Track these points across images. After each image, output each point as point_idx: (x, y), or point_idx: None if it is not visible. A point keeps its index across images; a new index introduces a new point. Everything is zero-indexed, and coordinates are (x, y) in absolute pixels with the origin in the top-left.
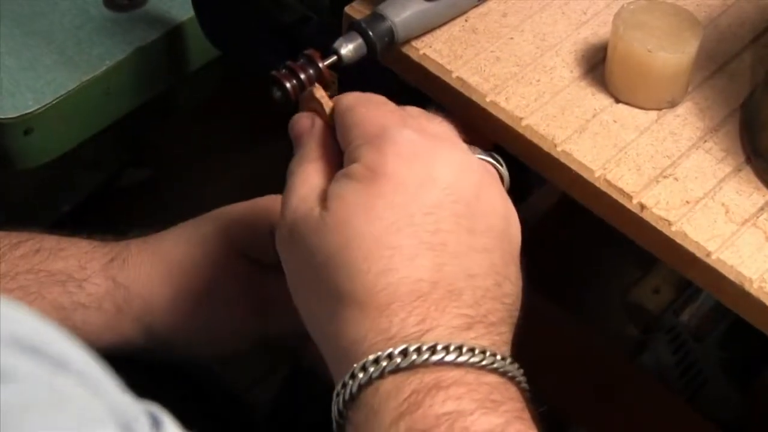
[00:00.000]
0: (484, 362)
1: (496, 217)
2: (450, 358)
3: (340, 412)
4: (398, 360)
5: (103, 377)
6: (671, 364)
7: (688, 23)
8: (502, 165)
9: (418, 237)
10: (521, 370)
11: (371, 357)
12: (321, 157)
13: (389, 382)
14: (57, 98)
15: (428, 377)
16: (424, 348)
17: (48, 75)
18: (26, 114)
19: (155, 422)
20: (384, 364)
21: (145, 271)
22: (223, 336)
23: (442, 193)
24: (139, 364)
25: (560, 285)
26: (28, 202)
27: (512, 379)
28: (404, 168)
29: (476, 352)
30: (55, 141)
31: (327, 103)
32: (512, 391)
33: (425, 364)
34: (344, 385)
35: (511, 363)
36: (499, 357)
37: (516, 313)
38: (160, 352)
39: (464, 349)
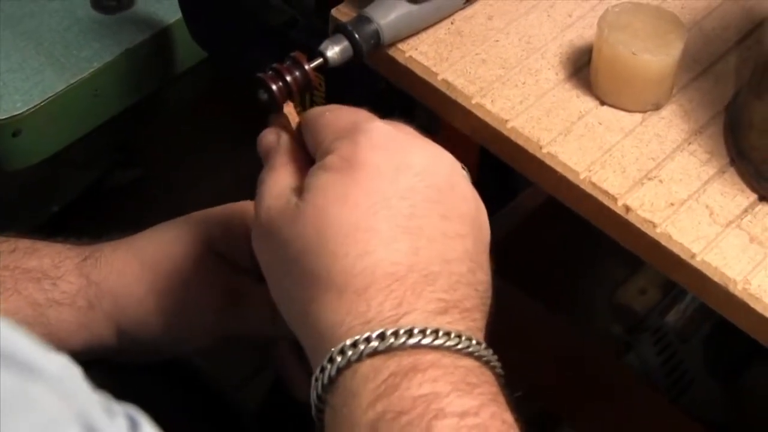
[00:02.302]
0: (459, 346)
1: (468, 205)
2: (426, 341)
3: (319, 397)
4: (375, 343)
5: (77, 383)
6: (657, 365)
7: (673, 26)
8: (466, 171)
9: (395, 221)
10: (496, 356)
11: (349, 341)
12: (290, 162)
13: (367, 365)
14: (45, 100)
15: (406, 360)
16: (401, 332)
17: (36, 77)
18: (14, 116)
19: (133, 424)
20: (362, 347)
21: (117, 269)
22: (195, 335)
23: (416, 178)
24: (126, 365)
25: (547, 285)
26: (17, 203)
27: (487, 363)
28: (378, 155)
29: (452, 335)
30: (43, 142)
31: (294, 118)
32: (487, 375)
33: (402, 347)
34: (323, 369)
35: (486, 348)
36: (474, 341)
37: (488, 302)
38: (134, 354)
39: (440, 333)
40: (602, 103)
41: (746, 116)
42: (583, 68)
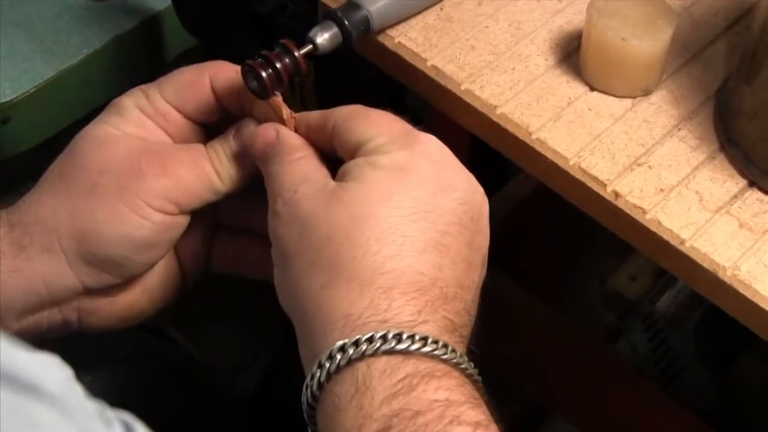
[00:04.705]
0: (463, 366)
1: (486, 241)
2: (439, 352)
3: (320, 384)
4: (393, 343)
5: (76, 394)
6: (647, 352)
7: (662, 11)
8: None
9: (429, 234)
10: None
11: (367, 335)
12: (308, 152)
13: (382, 362)
14: (34, 87)
15: (423, 365)
16: (418, 337)
17: (25, 64)
18: (3, 103)
19: (129, 431)
20: (378, 344)
21: (36, 199)
22: (138, 225)
23: (456, 202)
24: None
25: (537, 272)
26: (6, 190)
27: (480, 390)
28: (429, 168)
29: (458, 354)
30: (33, 130)
31: (280, 109)
32: (483, 398)
33: (418, 352)
34: (331, 357)
35: (479, 374)
36: (472, 366)
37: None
38: (91, 280)
39: (450, 349)
40: (592, 89)
41: (735, 102)
42: (572, 54)
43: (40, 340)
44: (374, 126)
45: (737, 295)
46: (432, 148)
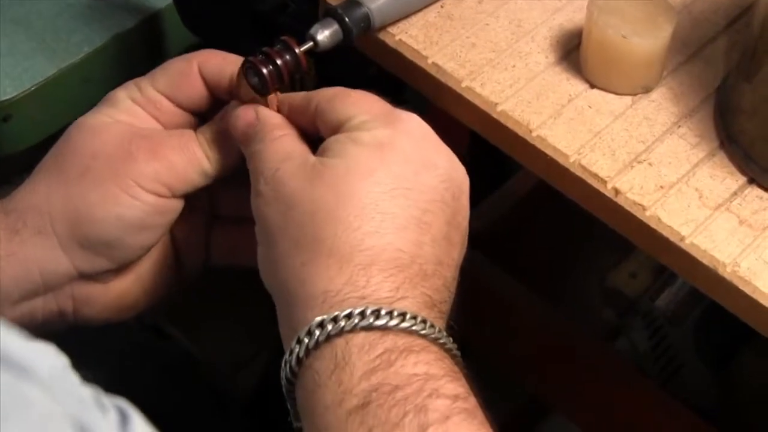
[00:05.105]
0: (442, 341)
1: (466, 219)
2: (418, 328)
3: (299, 360)
4: (371, 319)
5: (70, 380)
6: (647, 349)
7: (662, 9)
8: None
9: (410, 211)
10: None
11: (343, 311)
12: (288, 131)
13: (361, 337)
14: (35, 85)
15: (401, 340)
16: (396, 313)
17: (26, 62)
18: (4, 101)
19: (124, 417)
20: (356, 320)
21: (30, 186)
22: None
23: (438, 179)
24: (115, 351)
25: (537, 270)
26: (7, 189)
27: (459, 364)
28: (411, 145)
29: (437, 329)
30: (33, 128)
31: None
32: (462, 372)
33: (396, 328)
34: (309, 333)
35: (458, 349)
36: (452, 341)
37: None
38: (86, 263)
39: (428, 324)
40: (592, 86)
41: (735, 99)
42: (572, 52)
43: (37, 334)
44: (356, 105)
45: (737, 291)
46: (414, 126)
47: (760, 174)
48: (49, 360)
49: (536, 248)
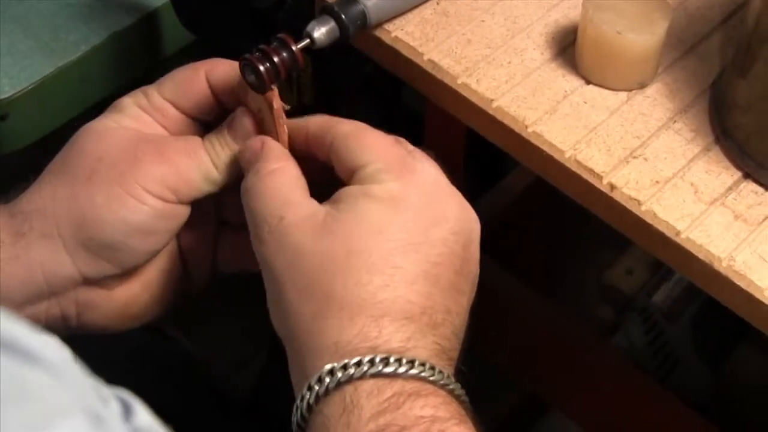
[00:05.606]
0: (451, 387)
1: (475, 267)
2: (426, 374)
3: (309, 406)
4: (380, 366)
5: (75, 369)
6: (644, 345)
7: (657, 5)
8: None
9: (420, 265)
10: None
11: (355, 359)
12: (288, 166)
13: (370, 384)
14: (33, 83)
15: (409, 385)
16: (404, 360)
17: (24, 60)
18: (2, 99)
19: (126, 408)
20: (365, 367)
21: (36, 189)
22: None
23: (449, 232)
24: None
25: (534, 266)
26: (5, 187)
27: (467, 409)
28: (423, 201)
29: (445, 376)
30: (31, 126)
31: (273, 104)
32: (470, 418)
33: (405, 375)
34: (320, 380)
35: (466, 395)
36: (460, 388)
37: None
38: (90, 266)
39: (437, 370)
40: (587, 82)
41: (730, 95)
42: (568, 48)
43: None
44: (372, 150)
45: (732, 286)
46: (426, 179)
47: (756, 169)
48: (53, 350)
49: (533, 245)
